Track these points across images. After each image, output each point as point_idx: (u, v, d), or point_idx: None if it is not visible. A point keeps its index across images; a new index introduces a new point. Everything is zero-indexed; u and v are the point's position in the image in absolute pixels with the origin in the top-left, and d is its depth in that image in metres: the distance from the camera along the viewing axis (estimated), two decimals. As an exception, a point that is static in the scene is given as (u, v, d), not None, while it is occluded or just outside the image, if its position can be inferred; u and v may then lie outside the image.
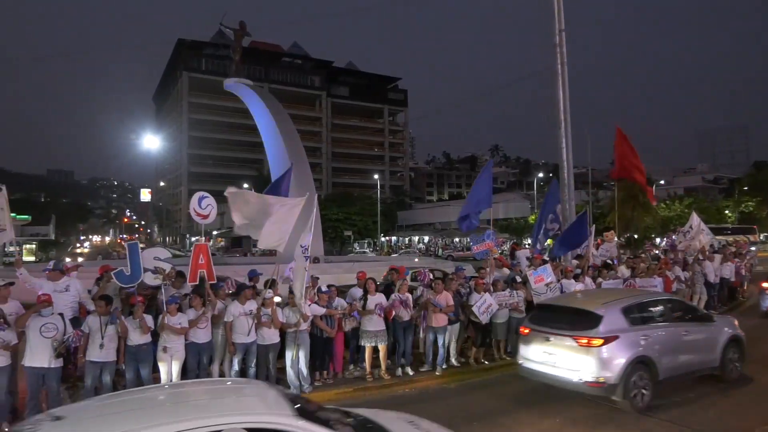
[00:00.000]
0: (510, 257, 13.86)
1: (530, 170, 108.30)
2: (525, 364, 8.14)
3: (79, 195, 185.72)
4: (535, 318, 8.54)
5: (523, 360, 8.19)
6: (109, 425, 3.88)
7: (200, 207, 8.86)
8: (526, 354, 8.10)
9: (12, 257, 46.30)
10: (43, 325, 6.71)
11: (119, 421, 3.91)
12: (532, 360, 7.99)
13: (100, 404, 4.75)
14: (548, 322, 8.07)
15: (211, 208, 8.93)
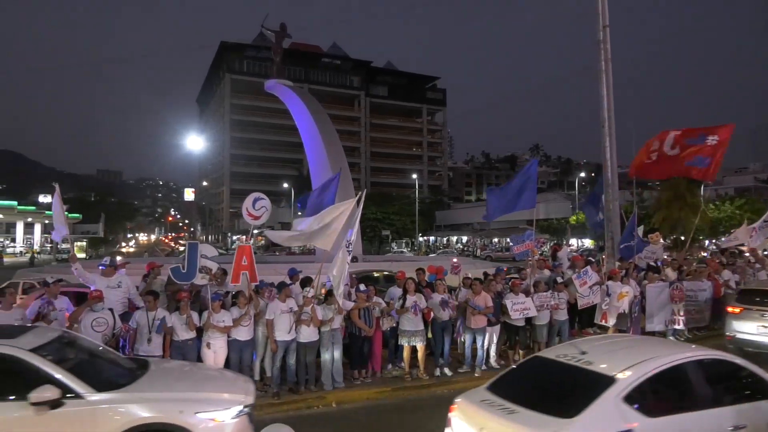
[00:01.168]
0: (551, 258, 13.61)
1: (572, 170, 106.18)
2: (738, 336, 9.77)
3: (126, 194, 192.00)
4: (744, 299, 10.13)
5: (735, 333, 9.82)
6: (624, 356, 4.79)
7: (253, 208, 9.01)
8: (740, 328, 9.76)
9: (65, 254, 48.50)
10: (94, 320, 6.99)
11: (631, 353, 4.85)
12: (747, 332, 9.61)
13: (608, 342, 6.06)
14: (759, 302, 9.75)
15: (264, 210, 9.05)
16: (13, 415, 4.50)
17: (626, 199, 39.32)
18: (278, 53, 24.96)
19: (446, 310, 9.08)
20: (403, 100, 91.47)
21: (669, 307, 11.26)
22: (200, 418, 4.96)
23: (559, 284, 10.38)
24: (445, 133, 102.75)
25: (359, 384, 8.65)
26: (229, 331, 7.69)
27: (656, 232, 16.18)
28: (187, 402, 5.09)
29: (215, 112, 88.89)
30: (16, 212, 64.73)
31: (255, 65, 76.80)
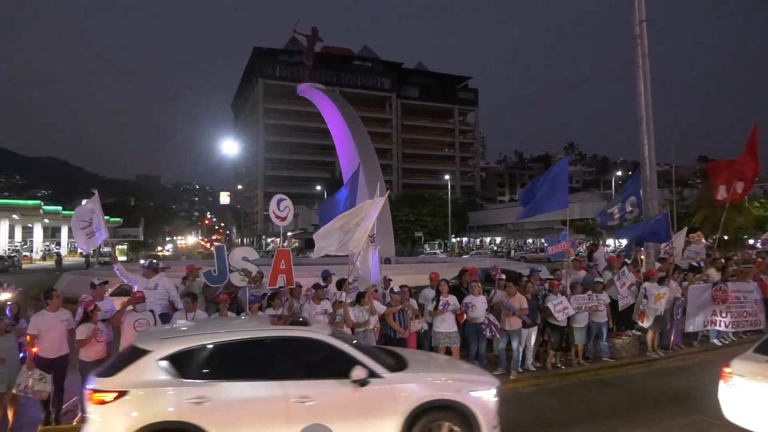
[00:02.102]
0: (587, 259, 13.36)
1: (608, 168, 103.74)
2: None
3: (165, 199, 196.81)
4: None
5: None
6: None
7: (279, 209, 9.18)
8: None
9: (107, 257, 49.93)
10: (137, 320, 7.20)
11: None
12: None
13: None
14: None
15: (289, 210, 9.25)
16: (338, 390, 5.27)
17: (665, 197, 38.29)
18: (310, 57, 25.16)
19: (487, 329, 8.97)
20: (434, 101, 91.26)
21: (709, 309, 10.92)
22: (474, 396, 5.60)
23: (599, 284, 10.18)
24: (477, 133, 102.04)
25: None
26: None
27: (698, 232, 15.69)
28: (460, 382, 5.82)
29: (249, 116, 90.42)
30: (61, 217, 67.08)
31: (287, 69, 77.81)
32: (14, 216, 60.29)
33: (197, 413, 4.90)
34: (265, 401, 5.14)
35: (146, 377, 5.02)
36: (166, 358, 5.12)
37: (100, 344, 7.13)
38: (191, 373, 5.13)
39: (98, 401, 4.90)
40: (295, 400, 5.11)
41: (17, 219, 61.92)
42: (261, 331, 5.77)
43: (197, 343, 5.37)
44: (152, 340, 5.48)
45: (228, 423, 4.98)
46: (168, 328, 6.71)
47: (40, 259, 61.42)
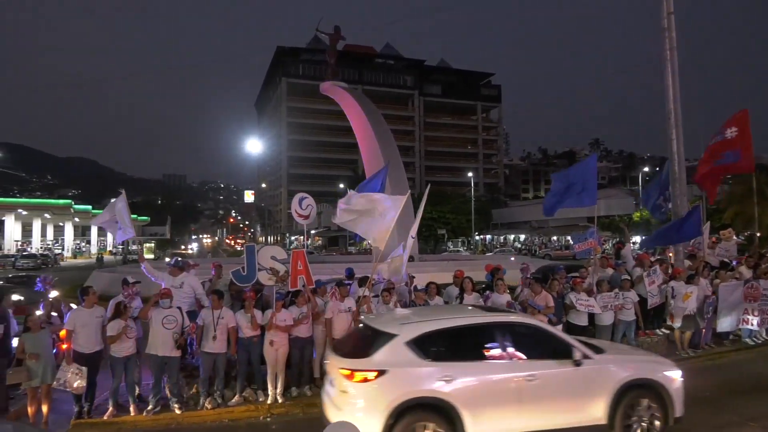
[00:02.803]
0: (615, 257, 13.15)
1: (634, 164, 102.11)
2: None
3: (190, 197, 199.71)
4: None
5: None
6: None
7: (301, 207, 9.25)
8: None
9: (135, 255, 50.92)
10: (165, 318, 7.34)
11: None
12: None
13: None
14: None
15: (311, 208, 9.31)
16: (558, 369, 5.87)
17: (694, 193, 37.44)
18: (333, 55, 25.29)
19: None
20: (457, 97, 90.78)
21: (741, 307, 10.66)
22: (667, 375, 6.17)
23: (626, 282, 10.01)
24: (501, 129, 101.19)
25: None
26: (290, 330, 7.89)
27: (728, 229, 15.31)
28: (654, 363, 6.48)
29: (272, 115, 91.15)
30: (91, 216, 68.60)
31: (310, 68, 78.17)
32: (46, 215, 61.91)
33: (446, 390, 5.48)
34: (499, 379, 5.74)
35: (398, 358, 5.62)
36: (411, 341, 5.71)
37: (130, 340, 7.30)
38: (434, 354, 5.72)
39: (362, 379, 5.47)
40: (524, 378, 5.70)
41: (49, 218, 63.56)
42: (485, 317, 6.49)
43: (435, 327, 5.99)
44: (392, 325, 6.09)
45: (471, 398, 5.53)
46: (391, 314, 7.38)
47: (71, 257, 62.93)
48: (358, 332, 6.75)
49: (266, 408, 7.59)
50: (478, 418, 5.47)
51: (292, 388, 8.07)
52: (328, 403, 5.83)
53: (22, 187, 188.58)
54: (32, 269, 42.24)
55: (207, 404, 7.52)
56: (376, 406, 5.35)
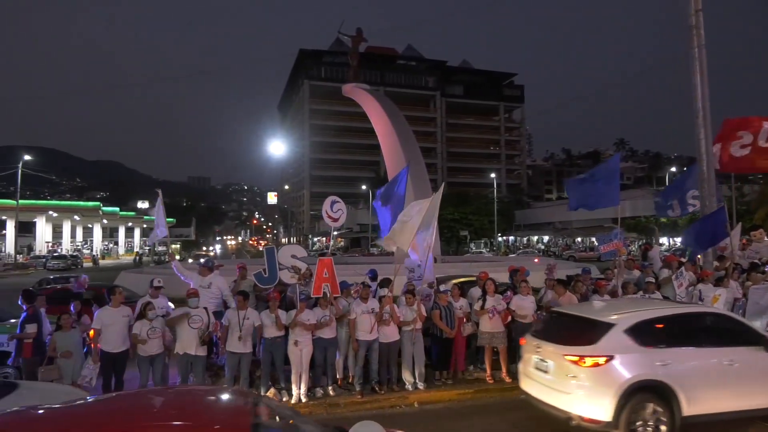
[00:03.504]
0: (641, 258, 12.93)
1: (661, 164, 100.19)
2: None
3: (214, 199, 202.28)
4: None
5: None
6: None
7: (332, 210, 9.30)
8: None
9: (162, 255, 51.61)
10: (191, 317, 7.45)
11: None
12: None
13: None
14: None
15: (341, 213, 9.34)
16: (752, 355, 6.45)
17: (724, 194, 36.57)
18: (355, 58, 25.41)
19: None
20: (479, 98, 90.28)
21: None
22: None
23: (651, 284, 9.83)
24: (524, 130, 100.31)
25: (440, 385, 8.63)
26: (314, 330, 7.94)
27: (759, 230, 14.92)
28: None
29: (295, 117, 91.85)
30: (119, 218, 70.02)
31: (332, 70, 78.60)
32: (76, 217, 63.34)
33: (664, 373, 6.04)
34: (705, 363, 6.31)
35: (620, 344, 6.19)
36: (629, 329, 6.29)
37: (155, 340, 7.42)
38: (648, 341, 6.28)
39: (593, 364, 6.08)
40: (726, 362, 6.29)
41: (78, 220, 65.01)
42: (686, 308, 7.34)
43: (648, 317, 6.58)
44: (604, 316, 6.70)
45: (684, 381, 6.06)
46: (588, 305, 8.23)
47: (100, 258, 64.26)
48: (564, 322, 7.24)
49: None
50: (691, 399, 6.03)
51: (317, 388, 8.12)
52: (542, 385, 6.56)
53: (52, 189, 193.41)
54: (62, 270, 43.29)
55: (232, 404, 7.59)
56: (608, 388, 5.94)
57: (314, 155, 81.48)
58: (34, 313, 7.67)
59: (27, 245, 62.40)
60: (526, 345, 7.18)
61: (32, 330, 7.47)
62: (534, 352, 6.86)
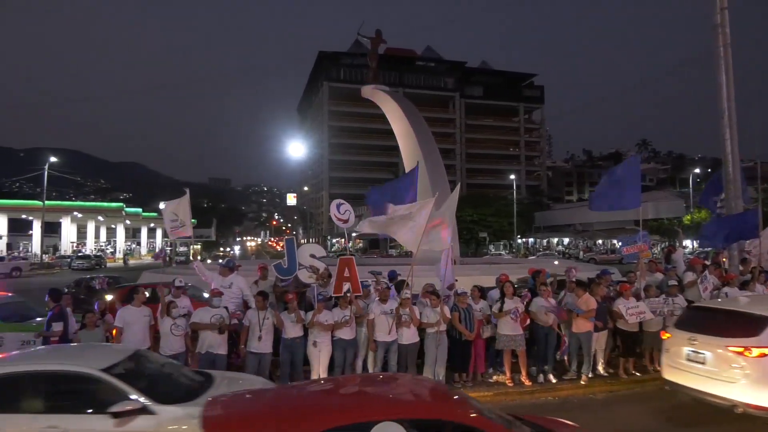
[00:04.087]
0: (664, 261, 12.72)
1: (684, 166, 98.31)
2: None
3: (235, 200, 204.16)
4: None
5: None
6: None
7: (339, 212, 9.37)
8: None
9: (182, 256, 52.21)
10: (213, 317, 7.55)
11: None
12: None
13: None
14: None
15: (349, 213, 9.40)
16: None
17: (750, 196, 35.77)
18: (374, 59, 25.39)
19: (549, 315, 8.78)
20: (498, 99, 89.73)
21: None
22: None
23: (673, 287, 9.67)
24: (544, 131, 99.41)
25: (460, 387, 8.58)
26: (333, 330, 7.97)
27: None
28: None
29: (314, 119, 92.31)
30: (141, 218, 71.09)
31: (351, 72, 78.83)
32: (100, 217, 64.50)
33: None
34: None
35: None
36: None
37: (178, 338, 7.52)
38: None
39: (759, 355, 6.39)
40: None
41: (102, 220, 66.17)
42: None
43: None
44: (759, 310, 7.05)
45: None
46: (734, 300, 8.44)
47: (122, 259, 65.30)
48: (716, 316, 7.50)
49: (309, 408, 7.68)
50: None
51: (335, 389, 8.14)
52: (698, 376, 6.87)
53: (77, 190, 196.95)
54: (86, 269, 44.08)
55: (252, 403, 7.66)
56: None
57: (333, 156, 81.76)
58: (61, 312, 7.84)
59: (53, 245, 63.71)
60: (673, 338, 7.55)
61: (58, 328, 7.64)
62: (686, 344, 7.18)
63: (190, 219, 9.62)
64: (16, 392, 5.00)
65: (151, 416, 4.78)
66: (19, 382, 5.04)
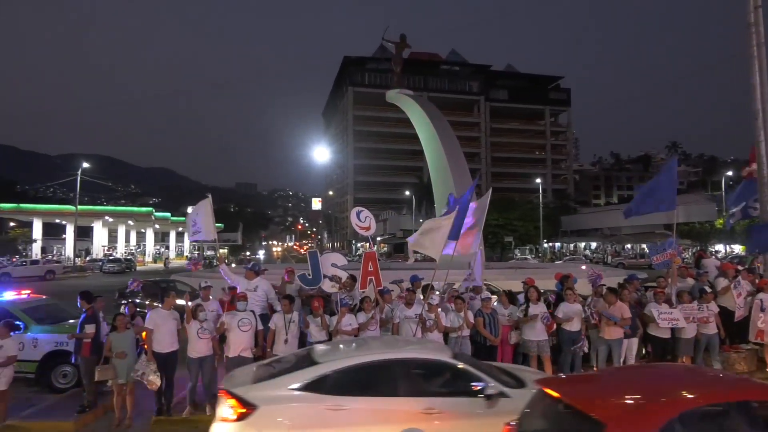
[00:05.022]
0: (695, 266, 12.41)
1: (716, 168, 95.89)
2: None
3: (261, 205, 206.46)
4: None
5: None
6: None
7: (360, 220, 9.39)
8: None
9: (211, 259, 52.77)
10: (240, 320, 7.62)
11: None
12: None
13: None
14: None
15: (370, 220, 9.43)
16: None
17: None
18: (398, 63, 25.44)
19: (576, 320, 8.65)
20: (524, 102, 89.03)
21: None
22: None
23: (708, 294, 9.43)
24: (570, 134, 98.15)
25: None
26: (357, 334, 7.97)
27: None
28: None
29: (339, 124, 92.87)
30: (170, 223, 72.37)
31: (376, 77, 79.15)
32: (130, 222, 65.87)
33: None
34: None
35: None
36: None
37: (203, 341, 7.62)
38: None
39: None
40: None
41: (132, 225, 67.57)
42: None
43: None
44: None
45: None
46: None
47: (152, 262, 66.56)
48: None
49: (334, 412, 7.69)
50: None
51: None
52: None
53: (108, 195, 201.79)
54: (117, 273, 44.97)
55: (277, 406, 7.71)
56: None
57: (358, 161, 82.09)
58: (93, 314, 8.02)
59: (85, 249, 65.28)
60: None
61: (91, 330, 7.82)
62: None
63: (213, 223, 9.73)
64: (390, 378, 5.52)
65: (507, 399, 5.33)
66: (391, 369, 5.59)
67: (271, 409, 5.17)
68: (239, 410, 5.13)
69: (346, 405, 5.20)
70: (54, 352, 9.05)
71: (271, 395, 5.29)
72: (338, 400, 5.22)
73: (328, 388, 5.28)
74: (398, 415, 5.23)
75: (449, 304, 8.74)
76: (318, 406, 5.18)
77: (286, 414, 5.21)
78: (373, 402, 5.30)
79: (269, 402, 5.21)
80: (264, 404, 5.17)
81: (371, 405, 5.27)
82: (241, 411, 5.13)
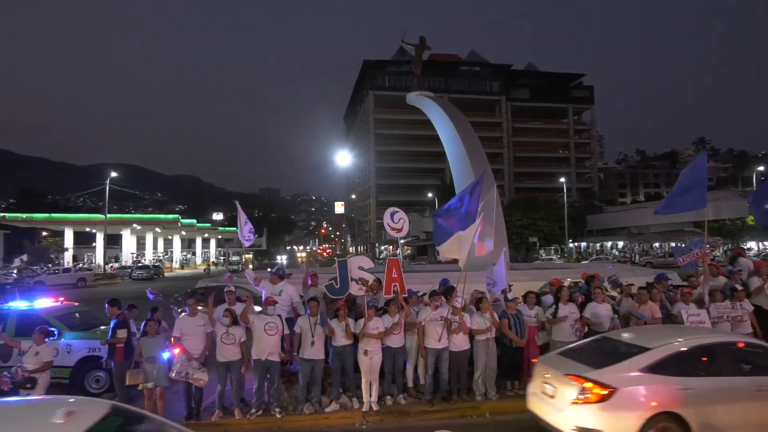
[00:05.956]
0: (730, 263, 12.10)
1: (747, 163, 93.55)
2: None
3: (284, 210, 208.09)
4: None
5: None
6: None
7: (393, 221, 9.38)
8: None
9: (236, 265, 53.27)
10: (267, 324, 7.71)
11: None
12: None
13: None
14: None
15: (403, 222, 9.42)
16: None
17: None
18: (418, 66, 25.38)
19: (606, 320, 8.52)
20: (546, 101, 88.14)
21: None
22: None
23: (740, 291, 9.17)
24: (594, 132, 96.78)
25: (512, 395, 8.43)
26: (383, 338, 7.99)
27: None
28: None
29: (360, 128, 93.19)
30: (196, 229, 73.42)
31: (396, 80, 79.26)
32: (157, 229, 67.00)
33: None
34: None
35: None
36: None
37: (229, 346, 7.70)
38: None
39: None
40: None
41: (159, 232, 68.73)
42: None
43: None
44: None
45: None
46: None
47: (179, 268, 67.59)
48: None
49: (361, 415, 7.72)
50: None
51: (387, 396, 8.15)
52: None
53: (135, 203, 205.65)
54: (146, 279, 45.77)
55: (305, 410, 7.77)
56: None
57: (379, 164, 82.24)
58: (125, 320, 8.19)
59: (114, 256, 66.64)
60: None
61: (123, 335, 7.98)
62: None
63: (248, 226, 9.93)
64: (727, 359, 6.34)
65: None
66: (726, 351, 6.44)
67: (629, 391, 5.82)
68: (599, 392, 5.77)
69: (693, 385, 5.84)
70: (87, 358, 9.27)
71: (627, 377, 5.92)
72: (685, 381, 5.88)
73: (671, 370, 5.94)
74: (736, 394, 5.89)
75: (471, 305, 8.70)
76: (670, 387, 5.82)
77: (643, 394, 5.83)
78: (718, 381, 5.98)
79: (627, 384, 5.84)
80: (623, 386, 5.81)
81: (716, 384, 5.94)
82: (602, 393, 5.76)
